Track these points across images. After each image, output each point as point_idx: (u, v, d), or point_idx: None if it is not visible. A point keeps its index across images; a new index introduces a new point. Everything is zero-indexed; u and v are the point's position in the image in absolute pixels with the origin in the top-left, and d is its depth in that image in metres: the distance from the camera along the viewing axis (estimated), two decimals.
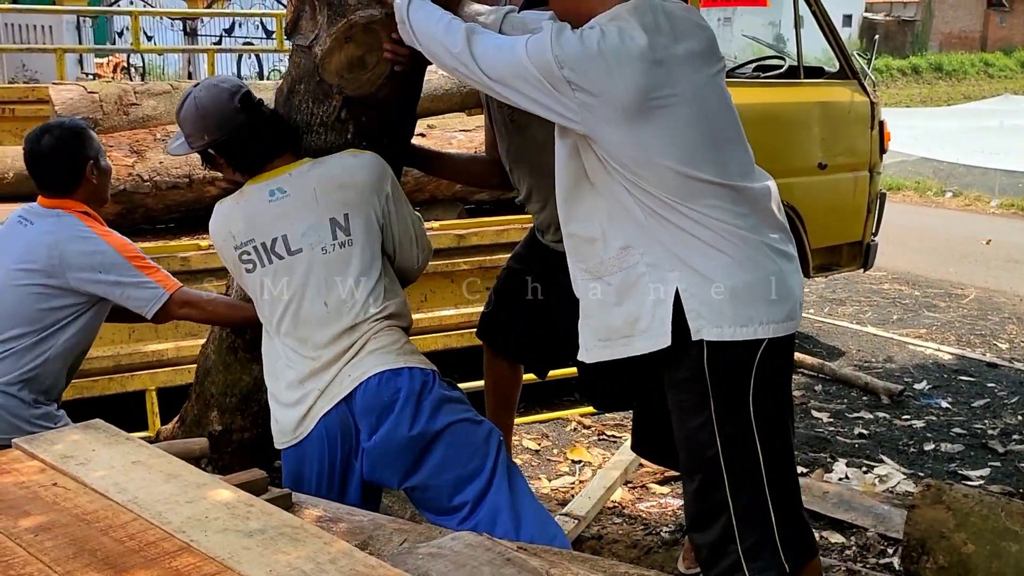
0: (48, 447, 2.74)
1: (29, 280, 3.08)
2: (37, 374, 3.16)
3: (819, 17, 6.18)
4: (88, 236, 3.10)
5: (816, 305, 7.87)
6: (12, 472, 2.60)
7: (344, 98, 3.03)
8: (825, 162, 6.17)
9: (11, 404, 3.13)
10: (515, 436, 5.15)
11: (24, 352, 3.13)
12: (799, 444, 5.10)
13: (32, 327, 3.11)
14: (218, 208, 3.00)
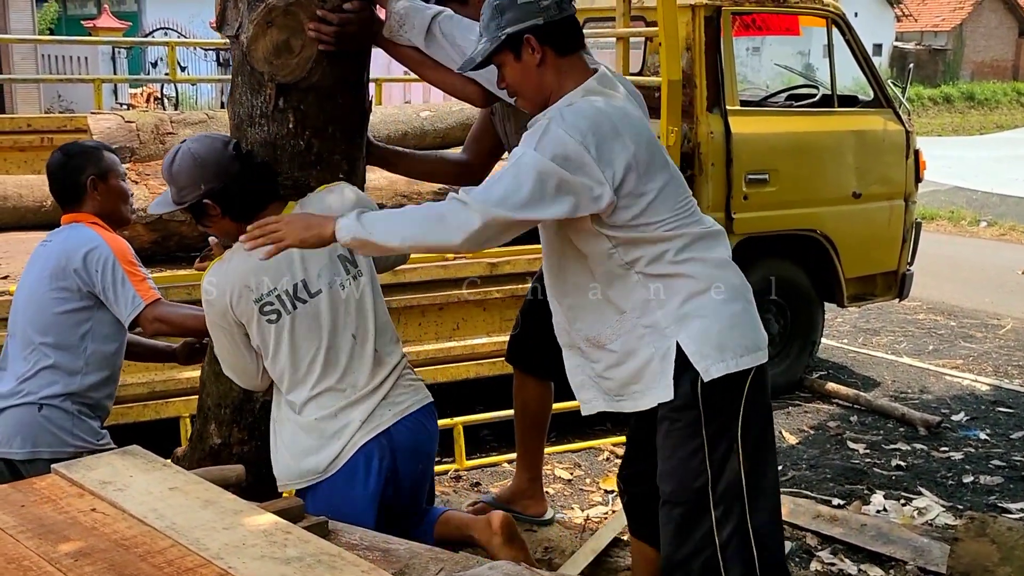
0: (86, 472, 2.75)
1: (47, 287, 3.16)
2: (79, 386, 3.20)
3: (853, 45, 6.16)
4: (90, 236, 3.19)
5: (850, 335, 7.80)
6: (51, 497, 2.61)
7: (277, 86, 3.00)
8: (859, 191, 6.14)
9: (55, 416, 3.18)
10: (547, 466, 5.12)
11: (61, 354, 3.18)
12: (835, 475, 5.04)
13: (59, 333, 3.17)
14: (223, 266, 2.93)
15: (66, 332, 3.17)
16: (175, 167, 2.90)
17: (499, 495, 3.73)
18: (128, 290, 3.14)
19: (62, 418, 3.17)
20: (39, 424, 3.15)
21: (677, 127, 5.45)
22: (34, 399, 3.16)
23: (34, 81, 14.85)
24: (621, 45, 6.05)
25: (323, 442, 2.91)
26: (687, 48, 5.69)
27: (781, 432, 5.67)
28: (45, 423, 3.15)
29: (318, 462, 2.92)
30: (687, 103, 5.64)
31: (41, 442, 3.15)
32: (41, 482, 2.75)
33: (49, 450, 3.15)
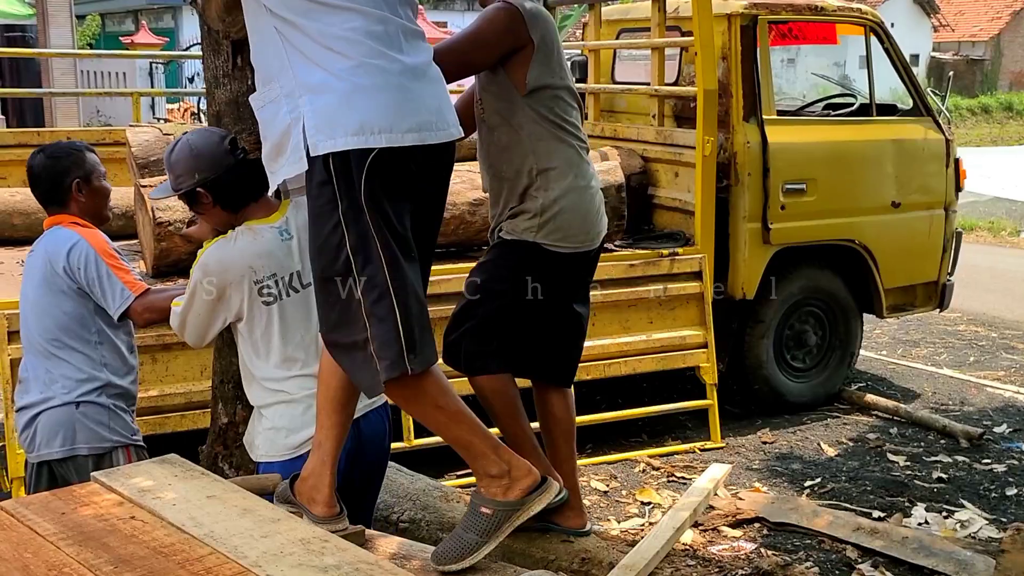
0: (125, 480, 2.76)
1: (43, 291, 3.21)
2: (107, 379, 3.25)
3: (892, 54, 6.10)
4: (69, 236, 3.22)
5: (889, 347, 7.71)
6: (91, 505, 2.62)
7: (232, 43, 3.06)
8: (899, 200, 6.07)
9: (92, 411, 3.22)
10: (583, 477, 5.10)
11: (75, 354, 3.22)
12: (875, 487, 4.97)
13: (69, 335, 3.21)
14: (228, 243, 3.00)
15: (75, 331, 3.22)
16: (174, 157, 3.01)
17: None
18: (115, 284, 3.19)
19: (99, 413, 3.22)
20: (78, 421, 3.20)
21: (713, 137, 5.44)
22: (70, 399, 3.20)
23: (73, 95, 15.04)
24: (656, 55, 6.04)
25: (305, 421, 2.94)
26: (723, 58, 5.67)
27: (820, 444, 5.61)
28: (83, 419, 3.20)
29: (297, 439, 2.97)
30: (723, 113, 5.61)
31: (80, 439, 3.20)
32: (81, 490, 2.76)
33: (87, 446, 3.20)
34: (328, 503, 2.66)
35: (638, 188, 5.96)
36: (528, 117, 2.99)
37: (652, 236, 5.89)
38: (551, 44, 3.01)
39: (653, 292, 5.40)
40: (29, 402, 3.26)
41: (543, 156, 3.00)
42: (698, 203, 5.50)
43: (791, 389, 6.09)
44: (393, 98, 2.48)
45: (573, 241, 3.08)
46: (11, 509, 2.60)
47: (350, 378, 2.60)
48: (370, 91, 2.47)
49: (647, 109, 6.30)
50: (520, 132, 3.00)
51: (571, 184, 3.04)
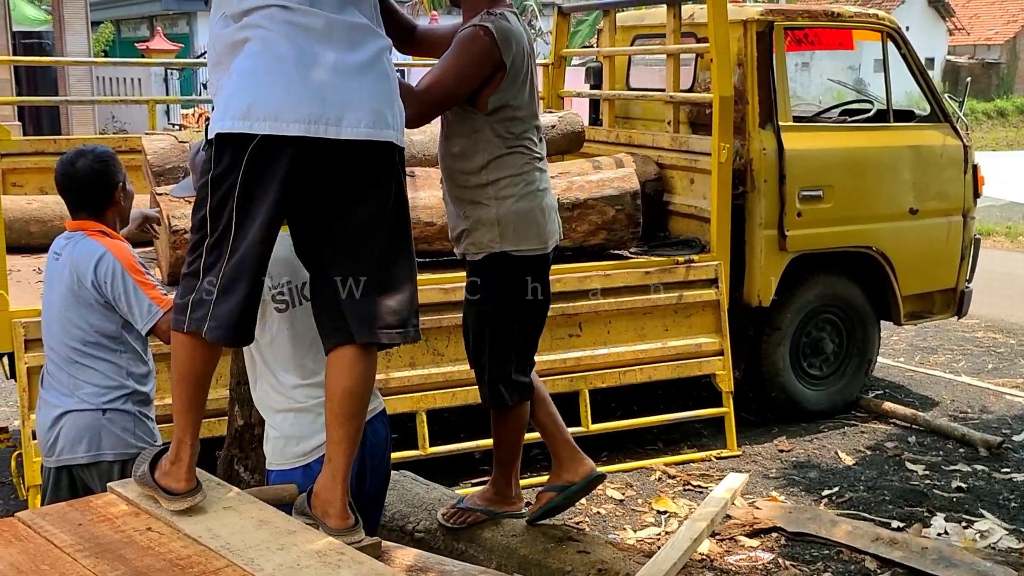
0: (142, 491, 2.75)
1: (69, 301, 3.22)
2: (132, 386, 3.25)
3: (909, 59, 6.07)
4: (96, 248, 3.23)
5: (907, 353, 7.66)
6: (108, 516, 2.62)
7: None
8: (916, 207, 6.03)
9: (119, 418, 3.23)
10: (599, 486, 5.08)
11: (103, 362, 3.23)
12: (894, 497, 4.93)
13: (94, 342, 3.22)
14: None
15: (102, 342, 3.22)
16: (196, 158, 3.02)
17: (483, 500, 3.62)
18: (143, 300, 3.18)
19: (125, 419, 3.23)
20: (104, 427, 3.20)
21: (729, 143, 5.41)
22: (96, 405, 3.20)
23: (89, 103, 15.12)
24: (672, 61, 6.02)
25: (314, 429, 2.93)
26: (739, 64, 5.65)
27: (837, 452, 5.58)
28: (110, 426, 3.20)
29: (305, 447, 2.95)
30: (739, 119, 5.59)
31: (105, 445, 3.20)
32: (97, 500, 2.77)
33: (113, 452, 3.20)
34: (341, 515, 2.65)
35: (653, 195, 5.93)
36: (484, 134, 3.14)
37: (667, 243, 5.87)
38: (520, 64, 3.13)
39: (668, 299, 5.38)
40: (52, 403, 3.26)
41: (494, 168, 3.15)
42: (714, 210, 5.48)
43: (808, 397, 6.06)
44: (285, 85, 2.49)
45: (534, 242, 3.24)
46: (28, 520, 2.60)
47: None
48: (263, 76, 2.50)
49: (662, 115, 6.28)
50: (476, 145, 3.15)
51: (521, 191, 3.19)
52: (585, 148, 6.43)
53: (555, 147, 6.33)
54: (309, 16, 2.53)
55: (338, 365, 2.66)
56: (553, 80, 6.97)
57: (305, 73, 2.51)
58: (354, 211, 2.63)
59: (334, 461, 2.67)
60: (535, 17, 19.86)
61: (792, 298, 5.86)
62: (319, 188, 2.60)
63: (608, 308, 5.25)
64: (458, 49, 3.09)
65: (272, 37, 2.52)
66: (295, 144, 2.49)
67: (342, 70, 2.54)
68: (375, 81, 2.60)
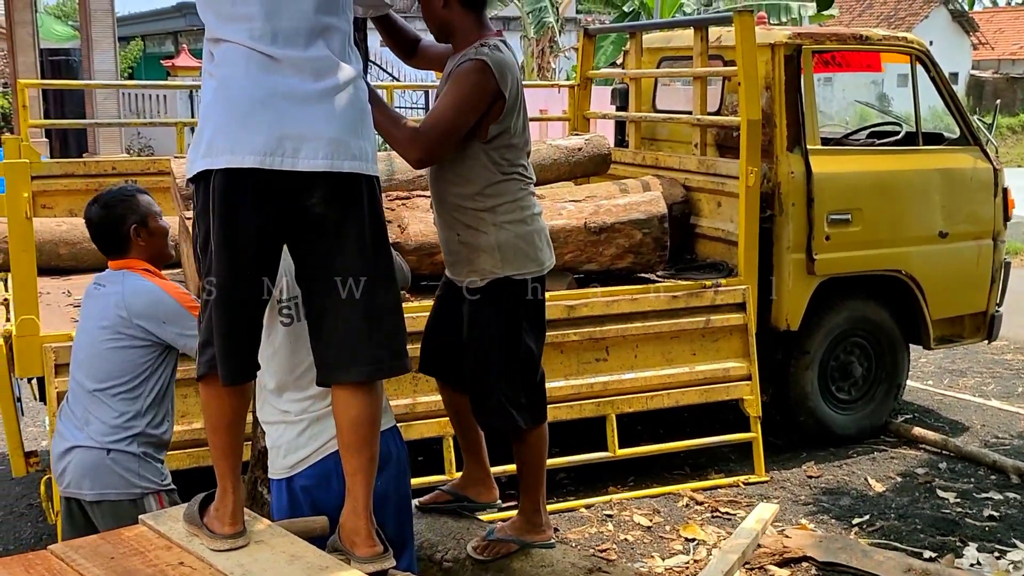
0: (173, 525, 2.76)
1: (107, 336, 3.21)
2: (142, 427, 3.24)
3: (938, 82, 6.03)
4: (150, 289, 3.25)
5: (935, 376, 7.59)
6: (140, 550, 2.62)
7: None
8: (946, 230, 5.98)
9: (122, 459, 3.21)
10: (625, 511, 5.06)
11: (119, 401, 3.22)
12: (925, 525, 4.88)
13: (118, 380, 3.22)
14: None
15: (125, 378, 3.22)
16: None
17: (455, 484, 3.71)
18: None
19: (129, 460, 3.21)
20: (107, 467, 3.19)
21: (756, 167, 5.39)
22: (101, 444, 3.20)
23: (117, 126, 15.24)
24: (699, 84, 6.01)
25: (300, 443, 2.94)
26: (766, 87, 5.62)
27: (867, 478, 5.52)
28: (113, 466, 3.19)
29: (292, 459, 2.96)
30: (766, 142, 5.57)
31: (109, 484, 3.19)
32: (129, 532, 2.76)
33: (115, 491, 3.20)
34: (368, 542, 2.65)
35: (680, 217, 5.91)
36: (480, 160, 3.15)
37: (694, 266, 5.85)
38: (516, 94, 3.17)
39: (696, 323, 5.35)
40: (64, 435, 3.28)
41: (492, 194, 3.17)
42: (742, 233, 5.45)
43: (837, 421, 6.01)
44: (241, 119, 2.51)
45: (532, 266, 3.26)
46: (61, 553, 2.61)
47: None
48: (221, 111, 2.53)
49: (689, 137, 6.26)
50: (471, 171, 3.16)
51: (519, 216, 3.22)
52: (611, 170, 6.42)
53: (582, 169, 6.33)
54: (272, 48, 2.54)
55: (341, 399, 2.68)
56: (579, 101, 6.96)
57: (262, 105, 2.52)
58: (328, 244, 2.63)
59: (353, 491, 2.68)
60: (556, 35, 19.87)
61: (820, 322, 5.81)
62: (289, 221, 2.60)
63: (635, 332, 5.23)
64: (458, 84, 3.11)
65: (232, 73, 2.54)
66: (254, 176, 2.50)
67: (301, 101, 2.55)
68: (338, 110, 2.58)
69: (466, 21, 3.17)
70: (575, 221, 5.32)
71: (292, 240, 2.66)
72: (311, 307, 2.72)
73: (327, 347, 2.68)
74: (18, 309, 4.23)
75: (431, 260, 4.95)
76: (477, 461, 3.66)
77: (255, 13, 2.52)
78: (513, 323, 3.28)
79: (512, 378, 3.31)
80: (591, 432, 5.29)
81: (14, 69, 14.77)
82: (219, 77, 2.56)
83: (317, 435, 2.93)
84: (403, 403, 4.73)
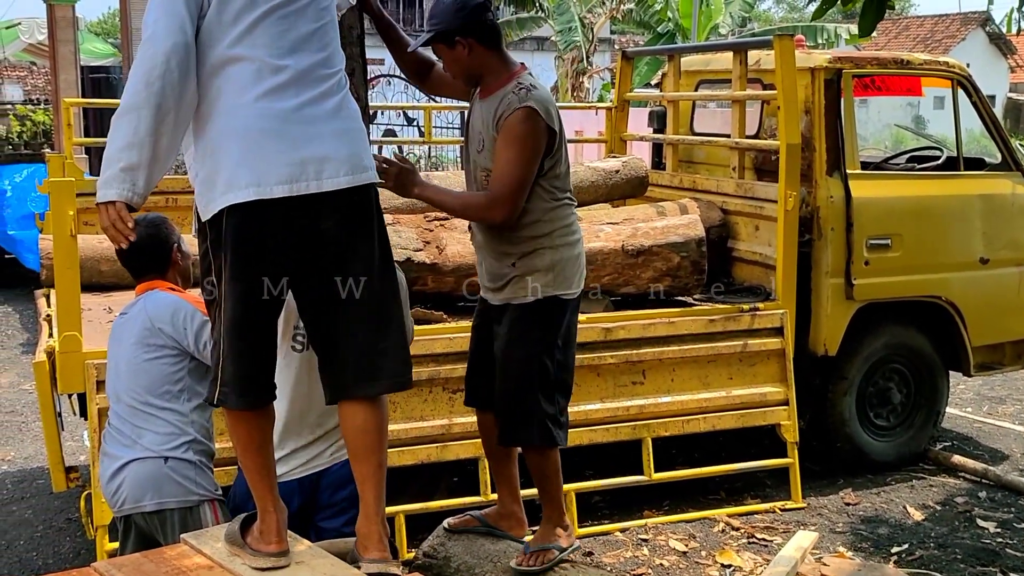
0: (214, 544, 2.77)
1: (141, 350, 3.30)
2: (194, 434, 3.30)
3: (980, 108, 5.98)
4: (171, 299, 3.37)
5: (974, 403, 7.50)
6: (182, 569, 2.63)
7: None
8: (987, 256, 5.92)
9: (180, 467, 3.26)
10: (661, 536, 5.03)
11: (168, 411, 3.28)
12: (965, 555, 4.81)
13: (161, 390, 3.29)
14: None
15: (168, 387, 3.29)
16: None
17: (487, 514, 3.76)
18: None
19: (187, 468, 3.26)
20: (165, 476, 3.23)
21: (795, 191, 5.36)
22: (156, 453, 3.24)
23: None
24: (737, 107, 6.00)
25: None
26: (806, 111, 5.60)
27: (906, 507, 5.45)
28: (172, 474, 3.24)
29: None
30: (805, 166, 5.54)
31: (167, 492, 3.23)
32: (171, 551, 2.78)
33: (175, 500, 3.24)
34: (379, 547, 2.70)
35: (717, 241, 5.89)
36: (536, 192, 3.31)
37: (732, 290, 5.82)
38: (560, 127, 3.34)
39: (733, 347, 5.32)
40: (114, 454, 3.30)
41: (548, 221, 3.34)
42: (780, 257, 5.42)
43: (874, 448, 5.94)
44: (256, 149, 2.56)
45: (576, 287, 3.43)
46: (104, 571, 2.63)
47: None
48: (234, 143, 2.59)
49: (727, 161, 6.25)
50: (529, 203, 3.30)
51: (572, 239, 3.41)
52: (648, 192, 6.41)
53: (619, 192, 6.33)
54: (278, 73, 2.59)
55: (349, 409, 2.73)
56: (616, 123, 6.97)
57: (276, 135, 2.58)
58: (339, 261, 2.68)
59: (364, 497, 2.75)
60: (588, 55, 19.87)
61: (859, 347, 5.76)
62: (303, 243, 2.64)
63: (672, 355, 5.21)
64: (515, 137, 3.24)
65: (235, 103, 2.59)
66: (279, 205, 2.56)
67: (315, 122, 2.61)
68: (345, 124, 2.68)
69: (491, 61, 3.32)
70: (612, 244, 5.32)
71: (298, 264, 2.67)
72: (318, 327, 2.75)
73: (343, 365, 2.72)
74: (61, 325, 4.27)
75: (469, 281, 4.96)
76: (511, 495, 3.70)
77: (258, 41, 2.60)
78: (556, 340, 3.39)
79: (552, 396, 3.40)
80: (626, 455, 5.27)
81: (56, 86, 14.94)
82: (221, 109, 2.61)
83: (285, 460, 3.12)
84: (439, 423, 4.74)
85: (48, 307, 5.15)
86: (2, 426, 6.75)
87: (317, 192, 2.58)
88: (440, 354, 4.72)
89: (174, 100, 2.58)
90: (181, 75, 2.57)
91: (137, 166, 2.60)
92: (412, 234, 5.08)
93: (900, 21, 36.52)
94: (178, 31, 2.56)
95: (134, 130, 2.58)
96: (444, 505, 4.75)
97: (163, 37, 2.56)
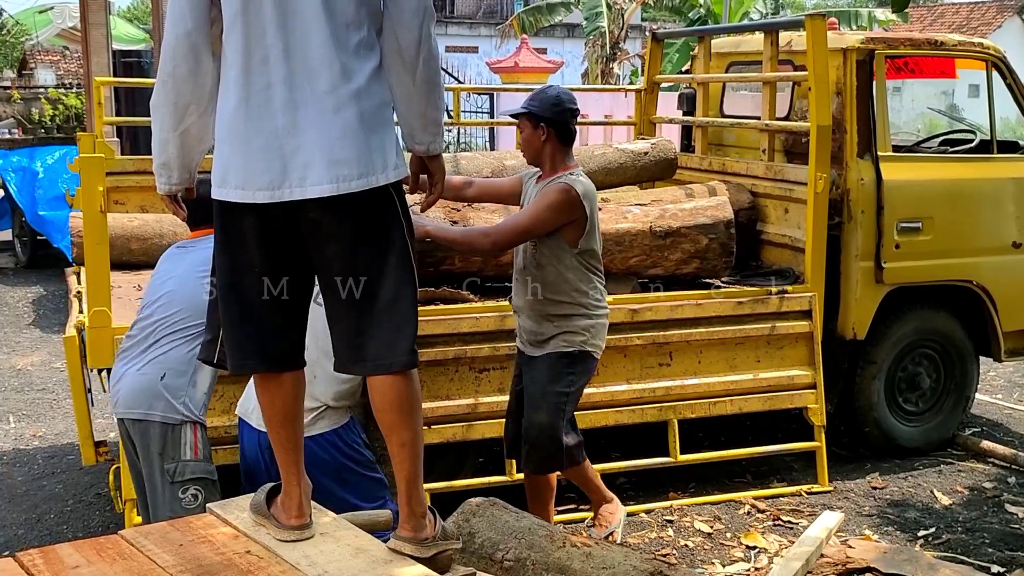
0: (240, 514, 2.79)
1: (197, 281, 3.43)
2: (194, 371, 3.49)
3: (1015, 89, 5.90)
4: None
5: (1004, 390, 7.43)
6: (208, 538, 2.66)
7: None
8: (1020, 241, 5.85)
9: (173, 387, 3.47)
10: (686, 517, 5.02)
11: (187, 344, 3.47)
12: (994, 540, 4.78)
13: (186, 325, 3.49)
14: None
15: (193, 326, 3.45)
16: None
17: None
18: None
19: (180, 390, 3.45)
20: (159, 392, 3.43)
21: (826, 173, 5.32)
22: (158, 368, 3.46)
23: None
24: (768, 89, 5.95)
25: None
26: (837, 93, 5.55)
27: (933, 491, 5.41)
28: (164, 392, 3.43)
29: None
30: (836, 149, 5.49)
31: (156, 407, 3.42)
32: (198, 521, 2.81)
33: (160, 415, 3.42)
34: (408, 524, 2.66)
35: (746, 223, 5.85)
36: (573, 264, 4.02)
37: (760, 273, 5.79)
38: (594, 213, 4.01)
39: (761, 330, 5.30)
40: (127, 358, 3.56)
41: (583, 290, 4.05)
42: (809, 240, 5.38)
43: (903, 433, 5.90)
44: (243, 150, 2.53)
45: (602, 347, 4.19)
46: (131, 538, 2.66)
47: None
48: (228, 140, 2.57)
49: (756, 143, 6.20)
50: (567, 273, 4.01)
51: (602, 306, 4.14)
52: (677, 175, 6.38)
53: (648, 174, 6.31)
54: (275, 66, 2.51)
55: (376, 385, 2.66)
56: (645, 106, 6.93)
57: (264, 145, 2.52)
58: (343, 252, 2.61)
59: (398, 470, 2.69)
60: (614, 41, 19.79)
61: (888, 331, 5.72)
62: (300, 232, 2.60)
63: (699, 338, 5.19)
64: (546, 200, 3.93)
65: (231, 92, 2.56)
66: (262, 208, 2.54)
67: (302, 126, 2.51)
68: (342, 127, 2.52)
69: (557, 153, 4.02)
70: (640, 225, 5.30)
71: (304, 248, 2.64)
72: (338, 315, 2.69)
73: (339, 342, 2.69)
74: (91, 301, 4.31)
75: (495, 261, 4.96)
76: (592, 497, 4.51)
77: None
78: (582, 387, 4.21)
79: (575, 426, 4.23)
80: (653, 437, 5.26)
81: (88, 70, 15.03)
82: (224, 96, 2.59)
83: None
84: (465, 403, 4.75)
85: (78, 284, 5.20)
86: (34, 403, 6.83)
87: (301, 199, 2.52)
88: (467, 333, 4.73)
89: (189, 92, 2.62)
90: (189, 67, 2.59)
91: (168, 161, 2.77)
92: (440, 214, 5.08)
93: (935, 8, 36.09)
94: (179, 22, 2.58)
95: (160, 127, 2.72)
96: (469, 484, 4.77)
97: (168, 31, 2.62)
